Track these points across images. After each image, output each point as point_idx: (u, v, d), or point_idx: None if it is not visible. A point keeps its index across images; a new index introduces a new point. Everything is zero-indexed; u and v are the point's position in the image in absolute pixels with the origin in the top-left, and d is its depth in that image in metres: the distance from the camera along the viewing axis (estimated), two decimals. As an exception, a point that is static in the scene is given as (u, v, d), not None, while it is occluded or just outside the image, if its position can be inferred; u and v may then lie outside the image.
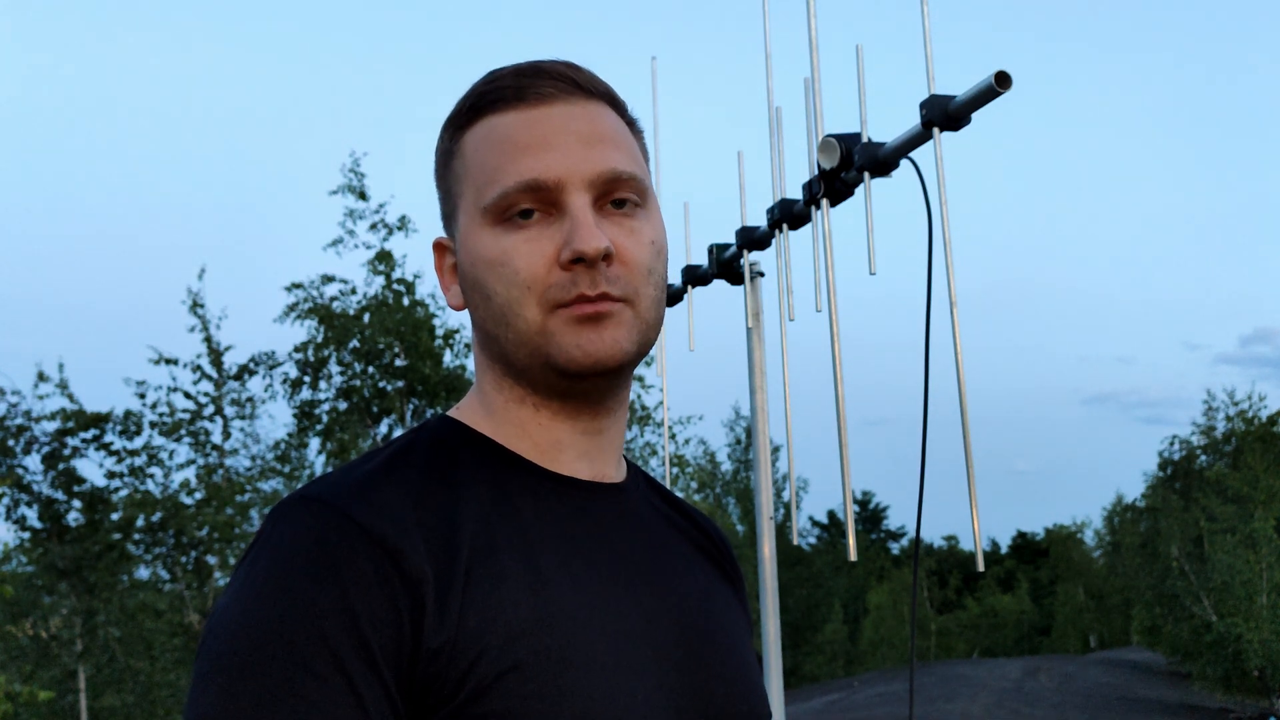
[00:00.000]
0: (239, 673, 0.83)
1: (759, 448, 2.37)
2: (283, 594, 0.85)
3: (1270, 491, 21.51)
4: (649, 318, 0.99)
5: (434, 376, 13.23)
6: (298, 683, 0.82)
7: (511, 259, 0.96)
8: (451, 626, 0.86)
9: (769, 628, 2.24)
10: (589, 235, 0.94)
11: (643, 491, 1.10)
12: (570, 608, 0.92)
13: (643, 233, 0.99)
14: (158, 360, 13.76)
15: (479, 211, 0.98)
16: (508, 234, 0.96)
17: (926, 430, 1.68)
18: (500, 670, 0.86)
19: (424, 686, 0.85)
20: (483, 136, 0.99)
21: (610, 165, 0.97)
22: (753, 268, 2.31)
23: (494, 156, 0.98)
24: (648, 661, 0.95)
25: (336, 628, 0.84)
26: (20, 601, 13.60)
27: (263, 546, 0.89)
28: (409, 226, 13.44)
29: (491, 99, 1.00)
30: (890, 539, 51.65)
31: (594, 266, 0.95)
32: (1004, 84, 1.59)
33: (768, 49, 2.20)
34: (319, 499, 0.90)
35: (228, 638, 0.85)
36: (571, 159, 0.96)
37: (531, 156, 0.96)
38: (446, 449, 0.98)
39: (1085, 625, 46.25)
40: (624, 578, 0.98)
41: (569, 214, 0.95)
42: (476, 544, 0.91)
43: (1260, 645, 19.80)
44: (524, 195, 0.96)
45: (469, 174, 1.00)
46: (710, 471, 33.20)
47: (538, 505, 0.97)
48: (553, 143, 0.96)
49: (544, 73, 0.99)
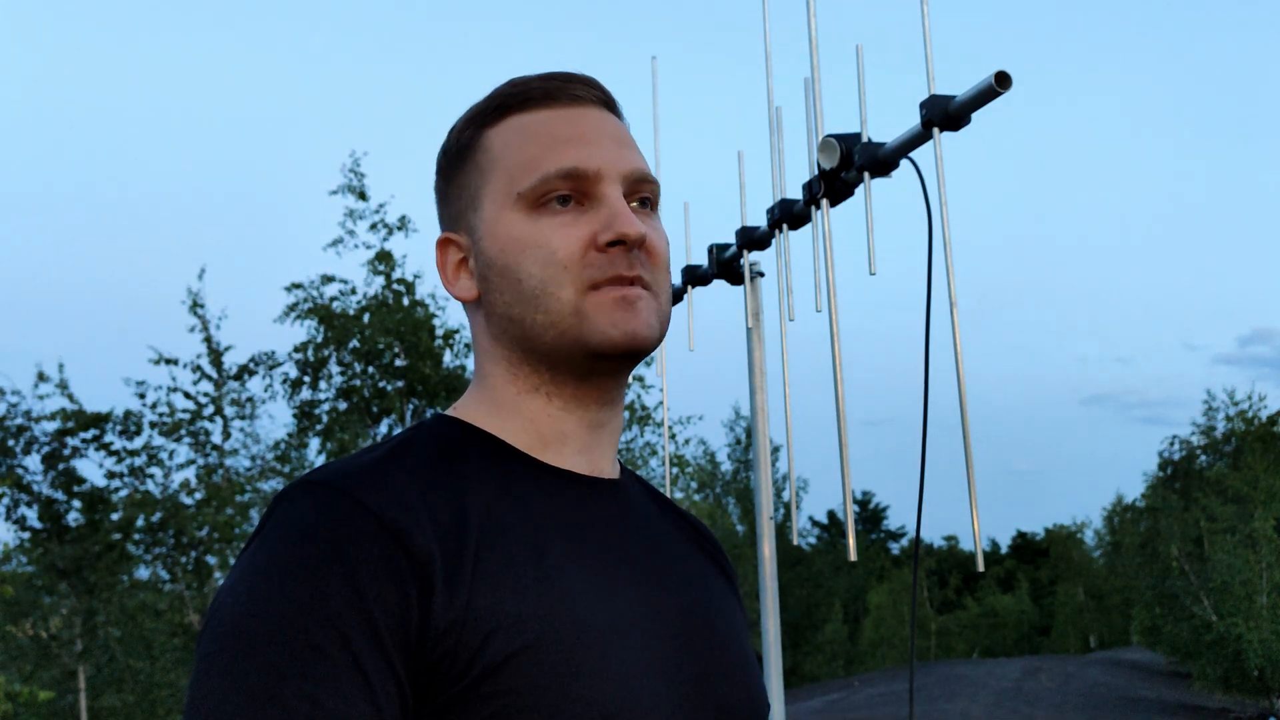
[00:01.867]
0: (245, 652, 0.83)
1: (759, 448, 2.37)
2: (290, 575, 0.85)
3: (1270, 491, 21.49)
4: (665, 310, 1.05)
5: (434, 376, 13.23)
6: (305, 662, 0.83)
7: (549, 240, 1.00)
8: (461, 607, 0.87)
9: (769, 628, 2.24)
10: (630, 220, 1.00)
11: (637, 489, 1.12)
12: (577, 593, 0.93)
13: (660, 231, 1.06)
14: (158, 360, 13.76)
15: (513, 197, 1.01)
16: (543, 218, 1.01)
17: (926, 430, 1.68)
18: (511, 650, 0.87)
19: (434, 666, 0.86)
20: (515, 130, 1.04)
21: (640, 166, 1.05)
22: (753, 268, 2.31)
23: (531, 147, 1.02)
24: (654, 651, 0.96)
25: (343, 608, 0.84)
26: (20, 601, 13.60)
27: (269, 529, 0.90)
28: (409, 226, 13.45)
29: (520, 99, 1.05)
30: (890, 539, 51.62)
31: (631, 250, 1.00)
32: (1004, 84, 1.59)
33: (768, 49, 2.20)
34: (325, 483, 0.91)
35: (234, 618, 0.85)
36: (609, 155, 1.02)
37: (573, 147, 1.02)
38: (447, 443, 1.00)
39: (1085, 625, 46.23)
40: (626, 567, 1.00)
41: (606, 202, 1.01)
42: (483, 528, 0.92)
43: (1260, 645, 19.79)
44: (564, 181, 1.00)
45: (499, 165, 1.03)
46: (710, 471, 33.17)
47: (541, 496, 0.99)
48: (590, 138, 1.03)
49: (573, 79, 1.06)
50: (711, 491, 34.08)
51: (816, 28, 2.03)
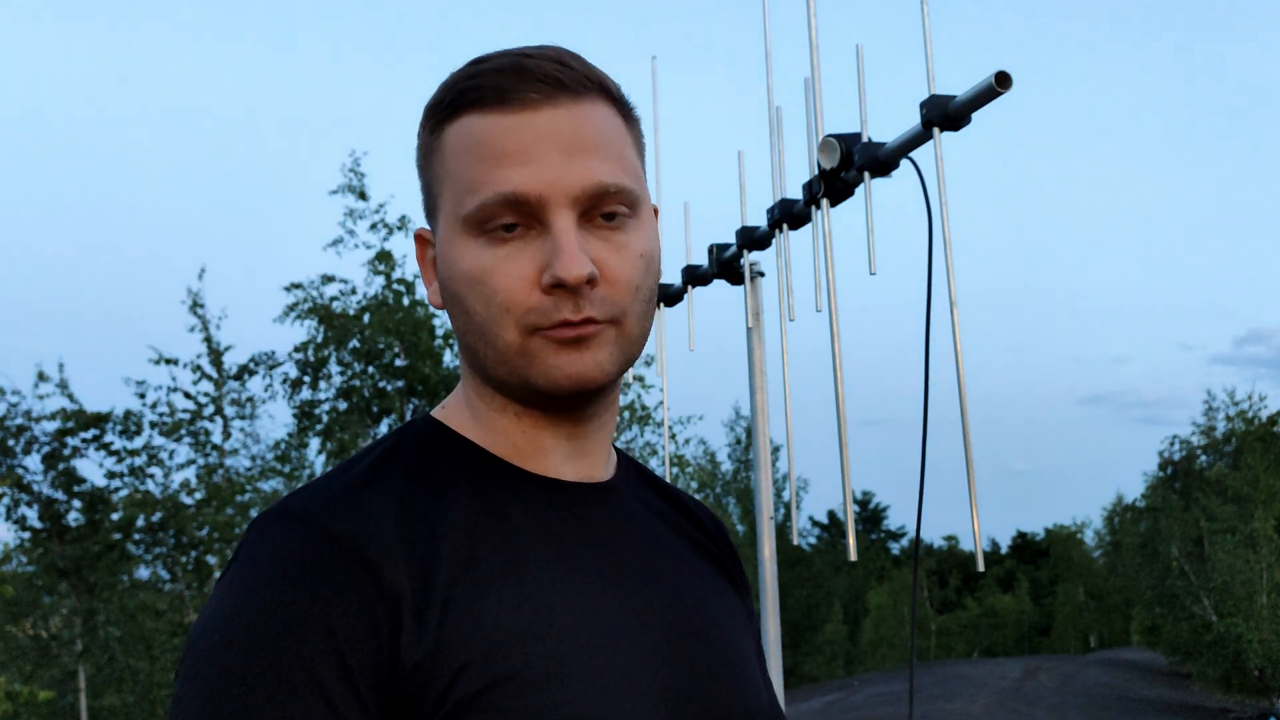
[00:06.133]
0: (217, 689, 0.82)
1: (759, 448, 2.37)
2: (260, 612, 0.84)
3: (1270, 491, 21.50)
4: (634, 334, 0.96)
5: (434, 376, 13.23)
6: (276, 700, 0.81)
7: (490, 278, 0.91)
8: (430, 641, 0.85)
9: (769, 628, 2.24)
10: (570, 261, 0.89)
11: (634, 488, 1.08)
12: (557, 615, 0.90)
13: (631, 247, 0.94)
14: (158, 360, 13.77)
15: (458, 220, 0.93)
16: (488, 248, 0.92)
17: (926, 430, 1.68)
18: (484, 684, 0.85)
19: (406, 702, 0.84)
20: (462, 137, 0.93)
21: (596, 179, 0.91)
22: (753, 268, 2.31)
23: (472, 164, 0.92)
24: (641, 665, 0.93)
25: (314, 646, 0.83)
26: (20, 601, 13.61)
27: (241, 563, 0.88)
28: (409, 226, 13.44)
29: (471, 97, 0.93)
30: (890, 539, 51.62)
31: (576, 292, 0.90)
32: (1004, 84, 1.59)
33: (768, 49, 2.20)
34: (297, 515, 0.88)
35: (207, 654, 0.84)
36: (554, 171, 0.90)
37: (511, 168, 0.90)
38: (430, 455, 0.97)
39: (1085, 625, 46.25)
40: (615, 579, 0.96)
41: (551, 233, 0.90)
42: (458, 556, 0.89)
43: (1260, 645, 19.81)
44: (504, 209, 0.90)
45: (448, 177, 0.95)
46: (710, 471, 33.19)
47: (523, 510, 0.95)
48: (534, 154, 0.90)
49: (528, 72, 0.92)
50: (711, 491, 34.09)
51: (816, 28, 2.03)
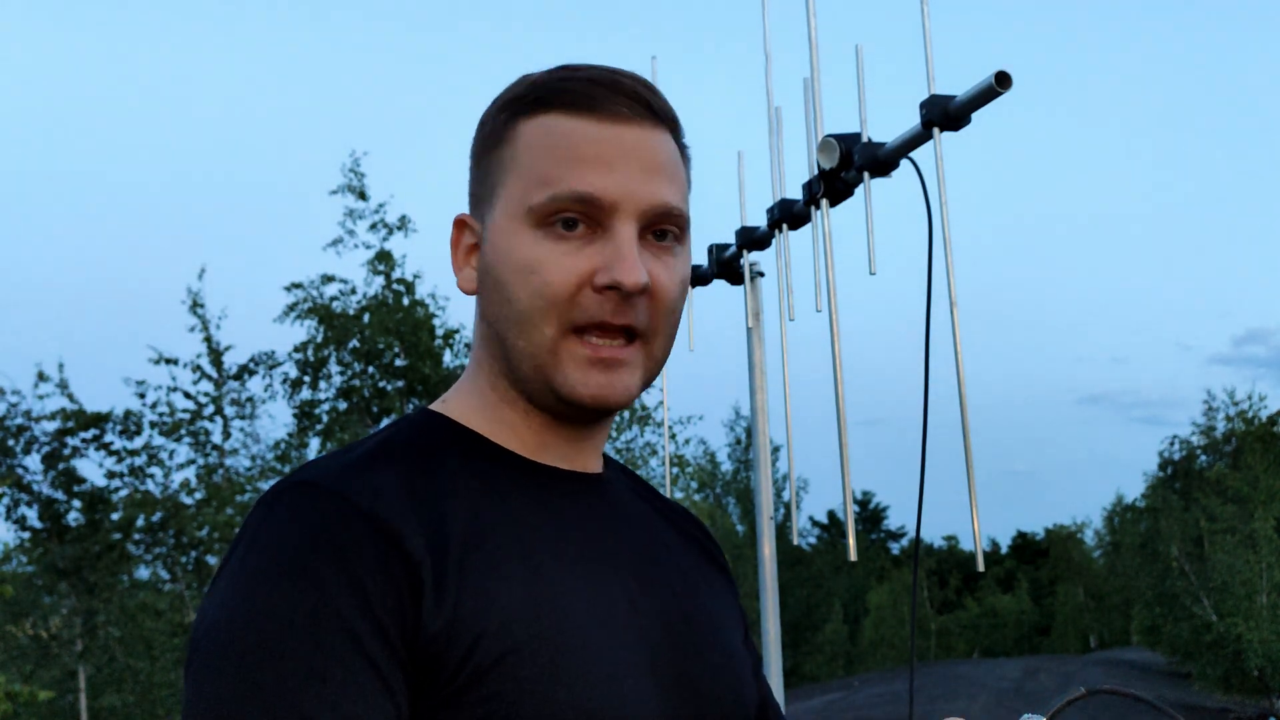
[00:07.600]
0: (256, 659, 0.81)
1: (759, 448, 2.37)
2: (292, 577, 0.83)
3: (1270, 491, 21.50)
4: (659, 356, 1.00)
5: (434, 376, 13.25)
6: (320, 664, 0.81)
7: (543, 268, 0.94)
8: (449, 610, 0.86)
9: (769, 628, 2.24)
10: (632, 267, 0.94)
11: (623, 482, 1.11)
12: (562, 593, 0.92)
13: (677, 270, 0.99)
14: (158, 360, 13.78)
15: (522, 209, 0.96)
16: (545, 241, 0.95)
17: (926, 430, 1.68)
18: (499, 654, 0.86)
19: (425, 668, 0.85)
20: (542, 133, 0.97)
21: (664, 199, 0.97)
22: (753, 268, 2.31)
23: (551, 160, 0.96)
24: (636, 648, 0.95)
25: (352, 608, 0.83)
26: (20, 601, 13.62)
27: (258, 532, 0.87)
28: (409, 226, 13.47)
29: (561, 99, 0.97)
30: (890, 539, 51.62)
31: (628, 298, 0.94)
32: (1004, 84, 1.59)
33: (768, 49, 2.20)
34: (314, 483, 0.89)
35: (236, 625, 0.83)
36: (631, 184, 0.95)
37: (593, 171, 0.95)
38: (429, 442, 0.98)
39: (1085, 625, 46.23)
40: (610, 565, 0.99)
41: (614, 239, 0.95)
42: (467, 533, 0.91)
43: (1260, 645, 19.80)
44: (575, 205, 0.94)
45: (518, 168, 0.98)
46: (710, 471, 33.18)
47: (525, 494, 0.97)
48: (615, 164, 0.95)
49: (620, 89, 0.97)
50: (711, 491, 34.10)
51: (816, 28, 2.03)
